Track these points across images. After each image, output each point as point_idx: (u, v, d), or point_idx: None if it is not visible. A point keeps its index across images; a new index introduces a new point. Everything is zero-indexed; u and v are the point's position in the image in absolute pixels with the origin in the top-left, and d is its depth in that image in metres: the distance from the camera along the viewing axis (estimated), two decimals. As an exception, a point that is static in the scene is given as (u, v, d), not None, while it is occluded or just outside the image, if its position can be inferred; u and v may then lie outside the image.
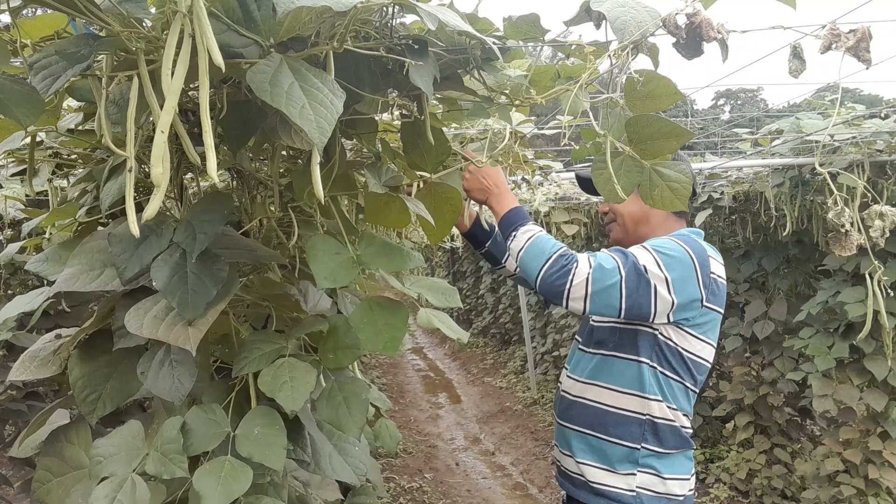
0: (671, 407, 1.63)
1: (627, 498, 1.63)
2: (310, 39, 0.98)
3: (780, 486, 4.10)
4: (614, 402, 1.65)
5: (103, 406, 1.02)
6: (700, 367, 1.66)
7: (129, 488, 0.87)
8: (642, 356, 1.63)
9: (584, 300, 1.48)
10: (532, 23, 1.17)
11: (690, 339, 1.62)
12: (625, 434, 1.63)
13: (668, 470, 1.64)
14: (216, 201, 1.01)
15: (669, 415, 1.62)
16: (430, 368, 9.11)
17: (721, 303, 1.66)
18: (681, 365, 1.62)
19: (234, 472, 0.89)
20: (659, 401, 1.62)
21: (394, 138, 1.53)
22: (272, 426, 0.95)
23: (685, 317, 1.59)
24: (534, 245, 1.56)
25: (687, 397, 1.66)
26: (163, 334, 0.89)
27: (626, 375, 1.64)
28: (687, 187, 1.20)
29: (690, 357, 1.63)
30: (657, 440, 1.62)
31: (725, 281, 1.69)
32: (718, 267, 1.66)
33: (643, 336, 1.63)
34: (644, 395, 1.62)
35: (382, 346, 0.97)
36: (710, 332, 1.65)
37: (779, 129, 3.18)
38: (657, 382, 1.62)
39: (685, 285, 1.55)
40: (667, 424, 1.62)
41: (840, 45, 1.09)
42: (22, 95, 0.81)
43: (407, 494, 4.62)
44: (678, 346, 1.61)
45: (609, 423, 1.65)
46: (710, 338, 1.66)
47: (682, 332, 1.61)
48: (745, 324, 4.32)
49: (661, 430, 1.62)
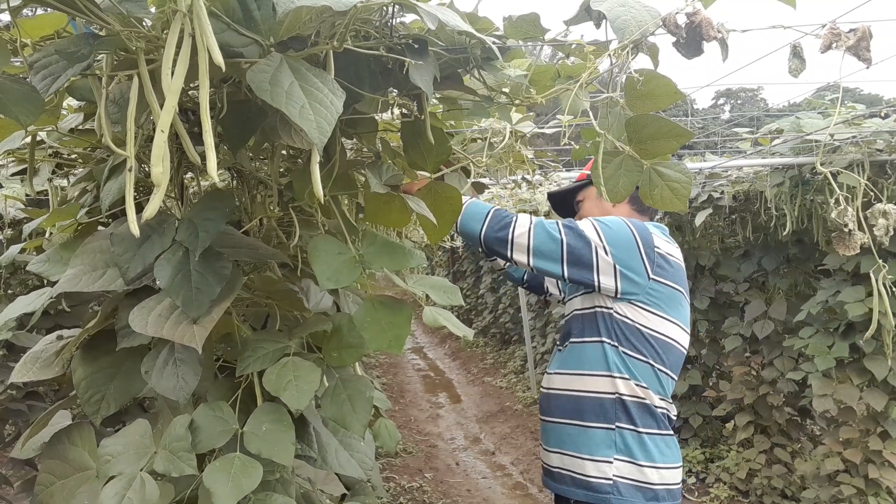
0: (639, 384, 1.65)
1: (605, 487, 1.65)
2: (310, 39, 0.98)
3: (780, 485, 4.10)
4: (584, 386, 1.71)
5: (107, 406, 1.02)
6: (666, 346, 1.68)
7: (138, 486, 0.87)
8: (603, 336, 1.68)
9: (528, 253, 1.57)
10: (532, 22, 1.17)
11: (647, 315, 1.65)
12: (599, 416, 1.68)
13: (645, 457, 1.65)
14: (217, 199, 1.01)
15: (639, 392, 1.65)
16: (431, 368, 9.11)
17: (675, 279, 1.68)
18: (642, 342, 1.65)
19: (244, 469, 0.90)
20: (625, 378, 1.65)
21: (394, 137, 1.53)
22: (280, 422, 0.96)
23: (632, 291, 1.63)
24: (468, 209, 1.64)
25: (656, 377, 1.67)
26: (168, 333, 0.89)
27: (591, 357, 1.70)
28: (687, 187, 1.20)
29: (651, 334, 1.65)
30: (629, 418, 1.65)
31: (681, 262, 1.72)
32: (668, 246, 1.70)
33: (601, 317, 1.69)
34: (610, 373, 1.66)
35: (386, 344, 0.98)
36: (669, 310, 1.67)
37: (779, 128, 3.18)
38: (620, 360, 1.66)
39: (625, 254, 1.61)
40: (637, 402, 1.65)
41: (840, 45, 1.09)
42: (22, 95, 0.81)
43: (407, 494, 4.62)
44: (635, 322, 1.65)
45: (583, 408, 1.70)
46: (671, 315, 1.67)
47: (636, 308, 1.65)
48: (744, 323, 4.32)
49: (632, 408, 1.66)
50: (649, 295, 1.64)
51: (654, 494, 1.65)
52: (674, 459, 1.72)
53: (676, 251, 1.74)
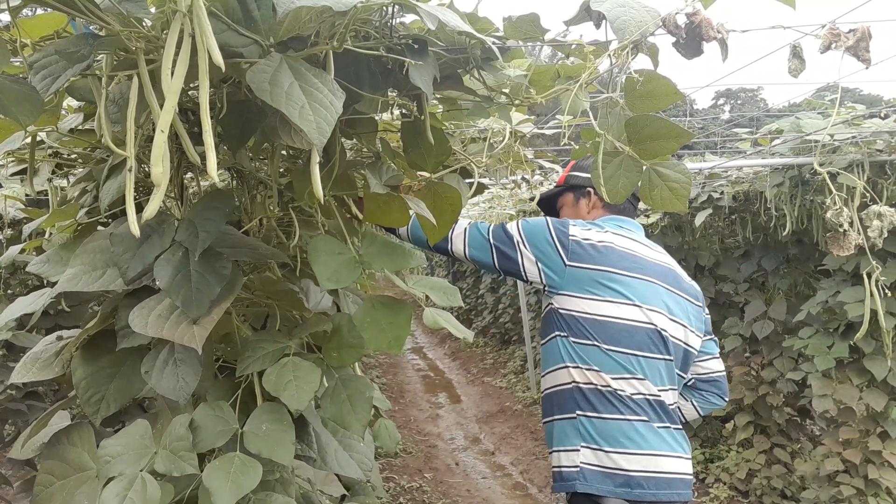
0: (590, 369, 1.70)
1: (572, 474, 1.67)
2: (310, 39, 0.98)
3: (780, 485, 4.10)
4: (552, 382, 1.80)
5: (107, 406, 1.02)
6: (606, 325, 1.71)
7: (139, 486, 0.87)
8: (554, 331, 1.78)
9: (464, 246, 1.79)
10: (532, 22, 1.17)
11: (579, 301, 1.73)
12: (563, 408, 1.74)
13: (609, 443, 1.66)
14: (217, 199, 1.01)
15: (592, 378, 1.69)
16: (430, 368, 9.11)
17: (599, 261, 1.75)
18: (582, 328, 1.72)
19: (243, 468, 0.90)
20: (577, 366, 1.72)
21: (394, 138, 1.53)
22: (280, 422, 0.96)
23: (555, 279, 1.75)
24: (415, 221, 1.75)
25: (608, 357, 1.70)
26: (168, 333, 0.89)
27: (551, 353, 1.81)
28: (686, 187, 1.20)
29: (587, 317, 1.72)
30: (589, 405, 1.69)
31: (614, 245, 1.79)
32: (591, 233, 1.78)
33: (550, 314, 1.80)
34: (564, 364, 1.74)
35: (386, 344, 0.98)
36: (600, 290, 1.73)
37: (779, 128, 3.18)
38: (571, 349, 1.73)
39: (540, 246, 1.75)
40: (592, 388, 1.69)
41: (840, 45, 1.09)
42: (22, 95, 0.81)
43: (407, 494, 4.62)
44: (571, 310, 1.74)
45: (554, 403, 1.78)
46: (602, 294, 1.73)
47: (568, 297, 1.75)
48: (744, 323, 4.32)
49: (589, 394, 1.69)
50: (572, 282, 1.73)
51: (625, 480, 1.64)
52: (656, 446, 1.69)
53: (608, 236, 1.80)
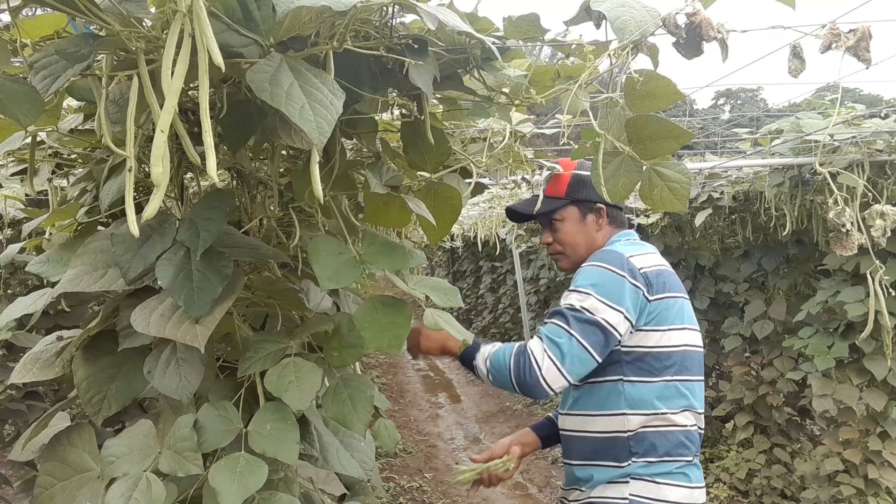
0: (654, 412, 1.61)
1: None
2: (310, 39, 0.98)
3: (780, 485, 4.10)
4: (594, 428, 1.66)
5: (108, 407, 1.02)
6: (678, 355, 1.65)
7: (144, 486, 0.87)
8: (611, 374, 1.63)
9: (561, 376, 1.53)
10: (532, 22, 1.17)
11: (649, 335, 1.62)
12: (612, 456, 1.63)
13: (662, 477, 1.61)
14: (218, 199, 1.01)
15: (654, 421, 1.61)
16: (430, 368, 9.11)
17: (669, 288, 1.66)
18: (650, 363, 1.62)
19: (249, 468, 0.89)
20: (637, 413, 1.61)
21: (394, 138, 1.53)
22: (284, 421, 0.96)
23: (637, 319, 1.60)
24: (492, 364, 1.62)
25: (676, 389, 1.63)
26: (170, 332, 0.89)
27: (600, 397, 1.65)
28: (686, 187, 1.20)
29: (659, 351, 1.62)
30: (645, 451, 1.61)
31: (662, 264, 1.71)
32: (646, 258, 1.68)
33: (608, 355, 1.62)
34: (621, 411, 1.62)
35: (386, 344, 0.97)
36: (675, 319, 1.64)
37: (779, 128, 3.18)
38: (631, 393, 1.61)
39: (623, 299, 1.57)
40: (653, 431, 1.61)
41: (840, 45, 1.09)
42: (22, 95, 0.81)
43: (407, 494, 4.62)
44: (640, 347, 1.62)
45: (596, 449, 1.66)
46: (670, 323, 1.64)
47: (636, 334, 1.61)
48: (744, 323, 4.32)
49: (648, 437, 1.60)
50: (651, 315, 1.62)
51: None
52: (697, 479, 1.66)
53: (654, 256, 1.72)
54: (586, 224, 1.82)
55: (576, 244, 1.82)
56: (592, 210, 1.82)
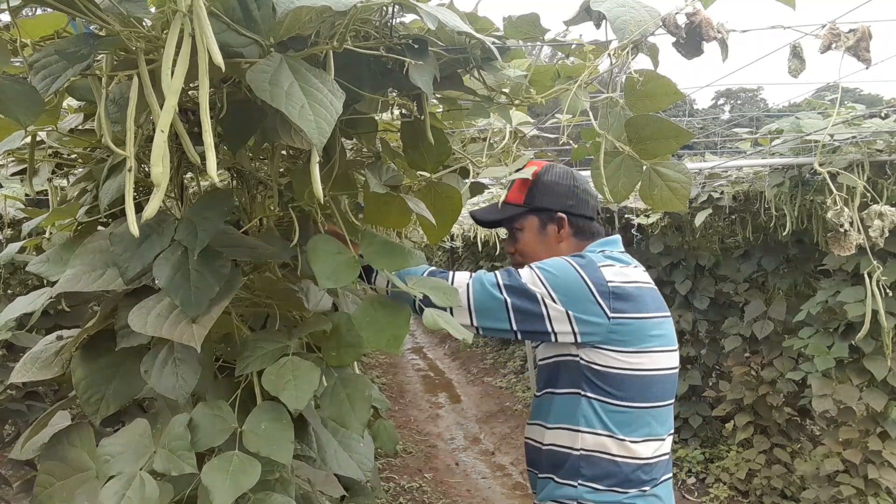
0: (612, 436, 1.49)
1: None
2: (309, 39, 0.98)
3: (780, 485, 4.10)
4: (554, 440, 1.56)
5: (106, 406, 1.02)
6: (653, 380, 1.51)
7: (137, 485, 0.87)
8: (575, 388, 1.52)
9: (469, 313, 1.41)
10: (532, 22, 1.17)
11: (619, 357, 1.48)
12: (564, 472, 1.53)
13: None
14: (216, 198, 1.01)
15: (611, 447, 1.49)
16: (430, 368, 9.11)
17: (639, 307, 1.50)
18: (619, 386, 1.48)
19: (242, 467, 0.89)
20: (594, 432, 1.49)
21: (394, 138, 1.53)
22: (279, 421, 0.95)
23: (592, 333, 1.46)
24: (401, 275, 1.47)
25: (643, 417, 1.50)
26: (167, 332, 0.89)
27: (564, 410, 1.54)
28: (686, 187, 1.20)
29: (628, 374, 1.49)
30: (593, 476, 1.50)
31: (641, 282, 1.55)
32: (621, 273, 1.52)
33: (568, 367, 1.53)
34: (578, 428, 1.51)
35: (385, 343, 0.97)
36: (641, 342, 1.50)
37: (779, 128, 3.18)
38: (597, 411, 1.50)
39: (577, 301, 1.44)
40: (608, 458, 1.49)
41: (840, 45, 1.09)
42: (22, 95, 0.81)
43: (407, 494, 4.63)
44: (608, 367, 1.48)
45: (554, 463, 1.56)
46: (645, 346, 1.49)
47: (604, 353, 1.48)
48: (744, 323, 4.32)
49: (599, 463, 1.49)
50: (613, 336, 1.47)
51: None
52: None
53: (633, 272, 1.55)
54: (546, 235, 1.66)
55: (535, 256, 1.64)
56: (553, 220, 1.65)
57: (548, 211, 1.64)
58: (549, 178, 1.65)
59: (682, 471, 4.71)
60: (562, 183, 1.66)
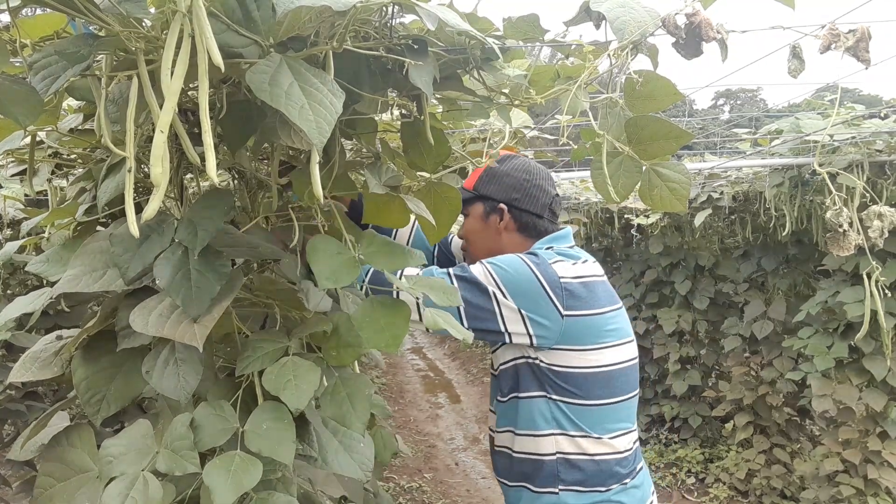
0: (585, 435, 1.48)
1: None
2: (309, 39, 0.98)
3: (780, 485, 4.10)
4: (524, 448, 1.53)
5: (107, 407, 1.02)
6: (612, 375, 1.49)
7: (141, 485, 0.87)
8: (536, 390, 1.50)
9: (418, 309, 1.32)
10: (531, 23, 1.17)
11: (575, 355, 1.45)
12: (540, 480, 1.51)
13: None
14: (216, 198, 1.01)
15: (585, 446, 1.48)
16: (430, 368, 9.11)
17: (592, 303, 1.47)
18: (578, 385, 1.46)
19: (244, 466, 0.89)
20: (565, 434, 1.48)
21: (393, 138, 1.53)
22: (281, 421, 0.95)
23: (547, 335, 1.43)
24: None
25: (610, 413, 1.49)
26: (169, 332, 0.89)
27: (528, 414, 1.51)
28: (686, 188, 1.20)
29: (587, 372, 1.46)
30: (575, 479, 1.49)
31: (593, 275, 1.51)
32: (573, 268, 1.49)
33: (526, 370, 1.51)
34: (549, 431, 1.49)
35: (384, 343, 0.97)
36: (598, 337, 1.47)
37: (778, 129, 3.19)
38: (560, 411, 1.47)
39: (530, 298, 1.41)
40: (584, 458, 1.48)
41: (839, 45, 1.09)
42: (21, 95, 0.81)
43: (406, 494, 4.63)
44: (566, 367, 1.46)
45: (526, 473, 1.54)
46: (601, 341, 1.47)
47: (561, 352, 1.46)
48: (744, 324, 4.32)
49: (577, 464, 1.48)
50: (568, 334, 1.44)
51: None
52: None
53: (584, 267, 1.51)
54: (488, 225, 1.63)
55: (476, 245, 1.65)
56: (495, 210, 1.61)
57: (491, 200, 1.62)
58: (501, 169, 1.62)
59: (681, 471, 4.71)
60: (512, 175, 1.61)
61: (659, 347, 5.06)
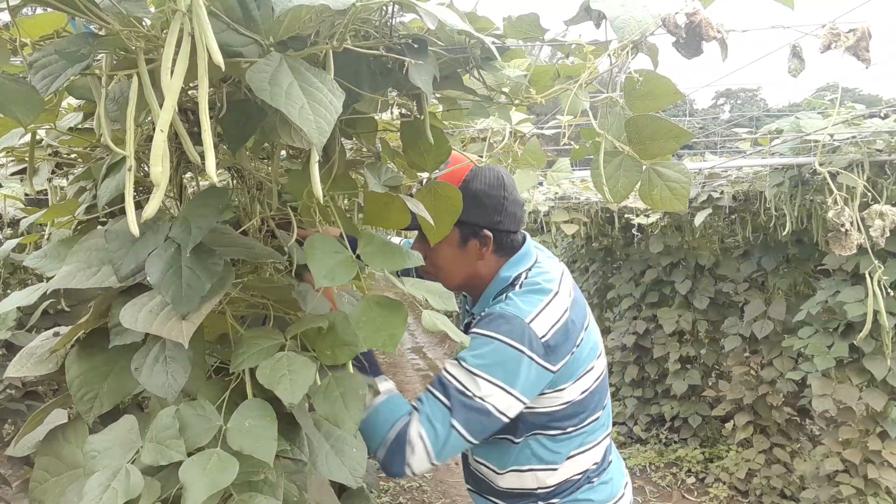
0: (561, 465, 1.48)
1: None
2: (309, 38, 0.98)
3: (780, 485, 4.10)
4: (507, 484, 1.52)
5: (100, 404, 1.01)
6: (588, 397, 1.47)
7: (122, 476, 0.86)
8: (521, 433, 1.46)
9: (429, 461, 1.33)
10: (531, 22, 1.17)
11: (557, 394, 1.43)
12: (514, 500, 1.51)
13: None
14: (211, 196, 1.00)
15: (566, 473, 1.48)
16: (430, 368, 9.10)
17: (573, 337, 1.42)
18: (562, 417, 1.45)
19: (220, 464, 0.88)
20: (546, 468, 1.47)
21: (393, 137, 1.53)
22: (263, 417, 0.95)
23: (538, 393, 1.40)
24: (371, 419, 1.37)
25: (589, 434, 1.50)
26: (157, 328, 0.89)
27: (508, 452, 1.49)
28: (686, 187, 1.20)
29: (568, 405, 1.44)
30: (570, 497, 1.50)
31: (565, 313, 1.42)
32: (549, 314, 1.39)
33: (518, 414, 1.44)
34: (531, 467, 1.48)
35: (381, 343, 0.97)
36: (578, 368, 1.44)
37: (778, 128, 3.18)
38: (544, 447, 1.46)
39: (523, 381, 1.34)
40: (569, 480, 1.49)
41: (839, 45, 1.09)
42: (21, 94, 0.81)
43: (406, 494, 4.63)
44: (549, 408, 1.43)
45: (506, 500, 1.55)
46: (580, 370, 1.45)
47: (548, 397, 1.43)
48: (744, 323, 4.32)
49: (560, 487, 1.49)
50: (556, 380, 1.41)
51: None
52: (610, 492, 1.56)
53: (556, 303, 1.42)
54: (466, 251, 1.49)
55: (450, 272, 1.51)
56: (477, 236, 1.47)
57: (473, 226, 1.46)
58: (477, 187, 1.45)
59: (681, 470, 4.71)
60: (492, 194, 1.46)
61: (659, 347, 5.07)
